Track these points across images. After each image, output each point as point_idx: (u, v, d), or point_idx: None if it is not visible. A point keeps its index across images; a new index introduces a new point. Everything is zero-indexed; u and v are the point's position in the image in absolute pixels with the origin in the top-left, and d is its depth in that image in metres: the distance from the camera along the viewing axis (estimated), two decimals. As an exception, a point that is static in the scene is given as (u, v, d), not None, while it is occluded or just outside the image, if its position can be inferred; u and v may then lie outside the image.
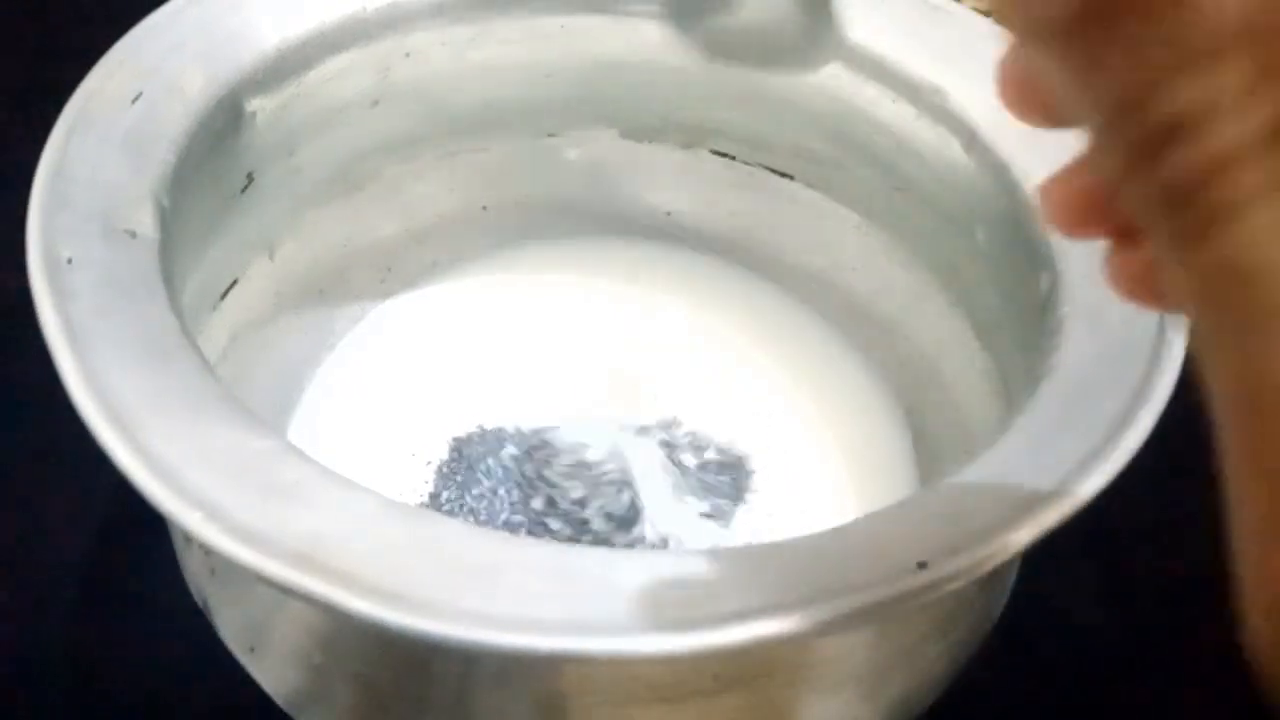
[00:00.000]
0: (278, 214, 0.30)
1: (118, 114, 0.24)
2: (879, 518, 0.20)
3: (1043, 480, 0.20)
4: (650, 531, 0.29)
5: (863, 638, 0.22)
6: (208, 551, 0.23)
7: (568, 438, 0.31)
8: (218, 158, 0.26)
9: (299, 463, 0.19)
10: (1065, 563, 0.31)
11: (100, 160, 0.23)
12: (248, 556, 0.18)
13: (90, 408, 0.19)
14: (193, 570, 0.25)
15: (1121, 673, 0.31)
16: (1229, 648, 0.35)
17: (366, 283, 0.33)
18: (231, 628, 0.24)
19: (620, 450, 0.31)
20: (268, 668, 0.24)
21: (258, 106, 0.27)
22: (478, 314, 0.34)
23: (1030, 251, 0.25)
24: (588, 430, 0.31)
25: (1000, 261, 0.27)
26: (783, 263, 0.34)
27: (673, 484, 0.30)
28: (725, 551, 0.20)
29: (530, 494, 0.30)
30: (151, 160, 0.24)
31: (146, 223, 0.23)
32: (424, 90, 0.30)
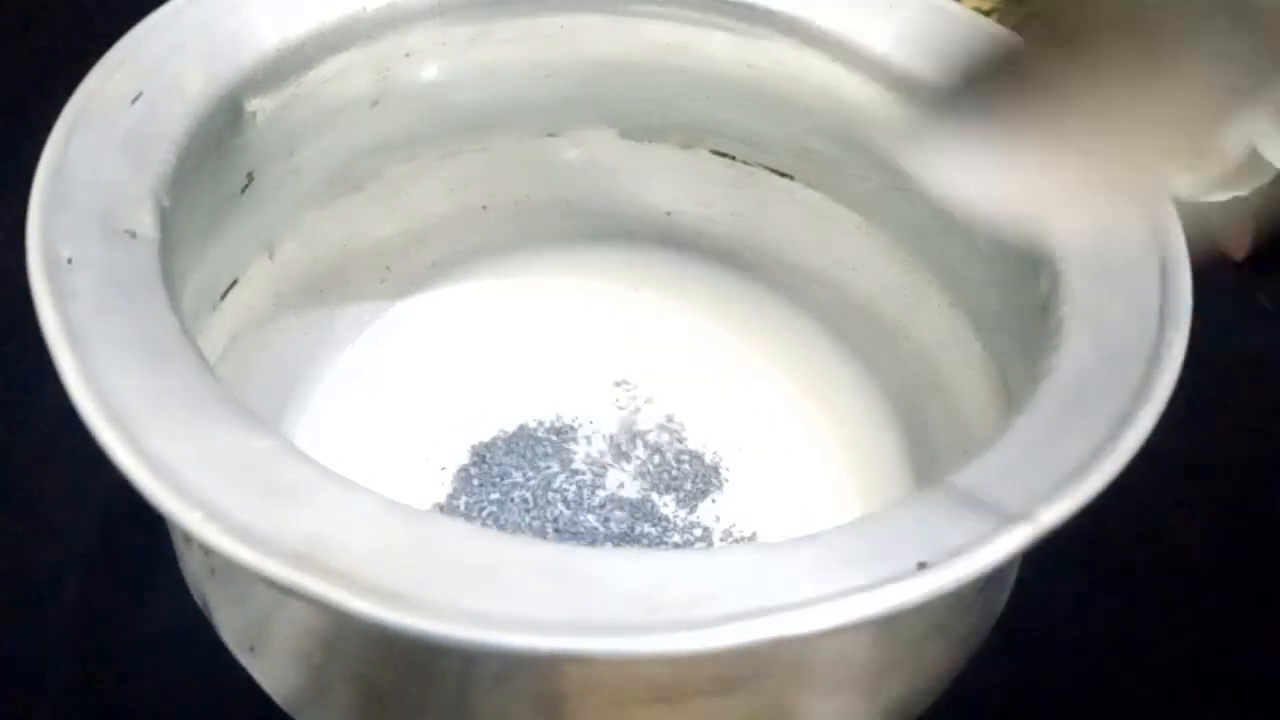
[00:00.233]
0: (278, 214, 0.30)
1: (118, 114, 0.24)
2: (878, 518, 0.20)
3: (1043, 480, 0.20)
4: (650, 531, 0.29)
5: (862, 638, 0.22)
6: (208, 551, 0.23)
7: (566, 437, 0.31)
8: (218, 158, 0.26)
9: (299, 463, 0.19)
10: (1065, 563, 0.30)
11: (100, 160, 0.23)
12: (248, 556, 0.18)
13: (90, 408, 0.19)
14: (193, 570, 0.25)
15: (1121, 673, 0.31)
16: (1230, 647, 0.35)
17: (366, 283, 0.33)
18: (231, 628, 0.24)
19: (619, 450, 0.31)
20: (268, 668, 0.24)
21: (258, 106, 0.27)
22: (477, 314, 0.34)
23: (1030, 251, 0.25)
24: (587, 430, 0.31)
25: (1000, 261, 0.27)
26: (782, 263, 0.34)
27: (671, 483, 0.30)
28: (725, 551, 0.20)
29: (530, 494, 0.30)
30: (151, 160, 0.24)
31: (146, 223, 0.23)
32: (424, 90, 0.30)
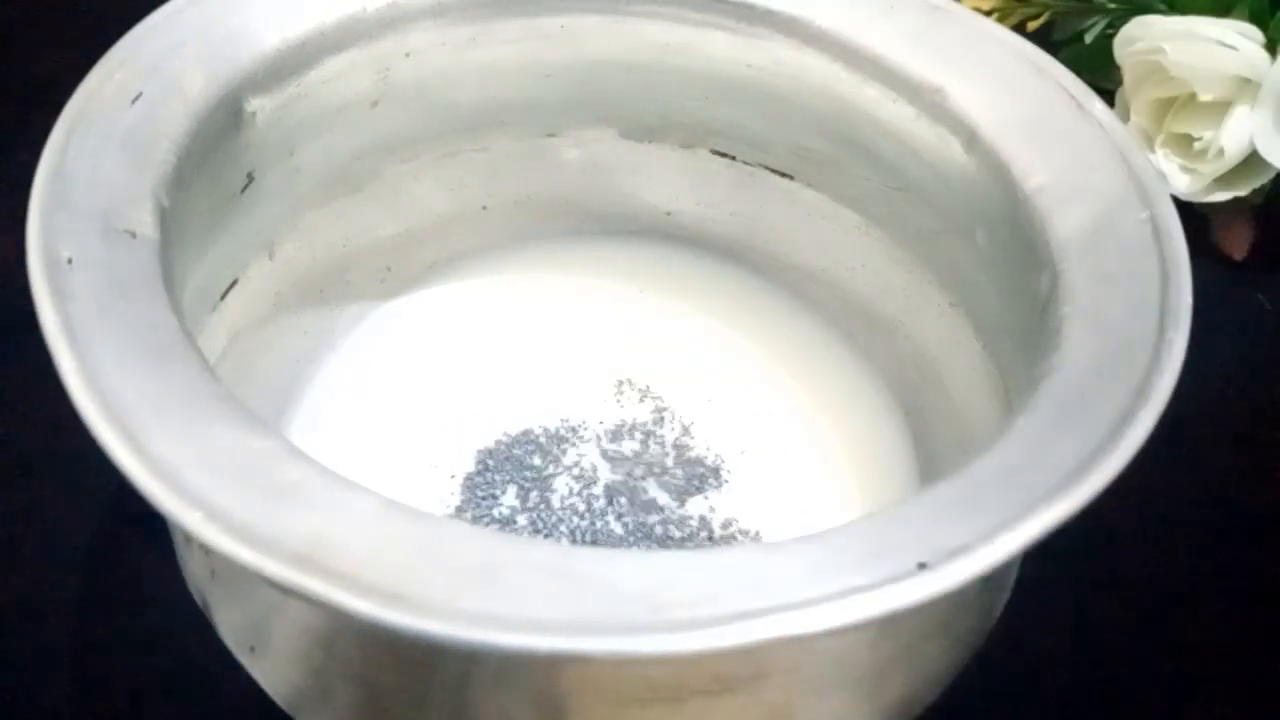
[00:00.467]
0: (278, 214, 0.30)
1: (118, 114, 0.24)
2: (879, 518, 0.20)
3: (1043, 480, 0.20)
4: (651, 530, 0.29)
5: (862, 638, 0.22)
6: (208, 551, 0.23)
7: (567, 437, 0.31)
8: (218, 158, 0.26)
9: (299, 463, 0.19)
10: (1065, 563, 0.30)
11: (100, 160, 0.23)
12: (248, 556, 0.18)
13: (90, 408, 0.19)
14: (193, 570, 0.25)
15: (1121, 673, 0.31)
16: (1229, 647, 0.35)
17: (366, 283, 0.33)
18: (231, 628, 0.24)
19: (619, 450, 0.31)
20: (268, 668, 0.24)
21: (258, 106, 0.27)
22: (477, 314, 0.34)
23: (1030, 251, 0.25)
24: (588, 430, 0.31)
25: (1000, 261, 0.27)
26: (783, 263, 0.34)
27: (671, 483, 0.30)
28: (725, 552, 0.20)
29: (530, 495, 0.30)
30: (151, 160, 0.24)
31: (146, 223, 0.23)
32: (424, 90, 0.30)
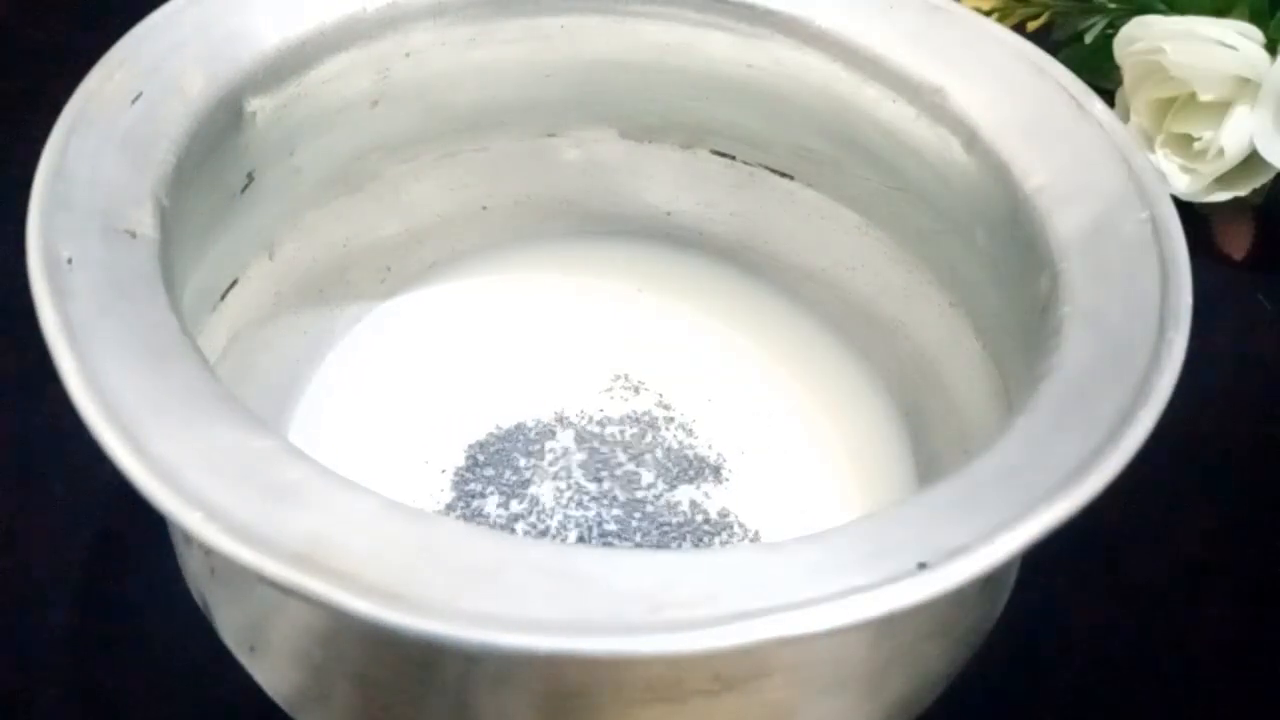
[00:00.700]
0: (278, 214, 0.30)
1: (118, 114, 0.24)
2: (879, 518, 0.20)
3: (1043, 480, 0.20)
4: (651, 530, 0.29)
5: (862, 638, 0.22)
6: (208, 551, 0.23)
7: (567, 437, 0.31)
8: (218, 158, 0.26)
9: (299, 463, 0.19)
10: (1065, 563, 0.31)
11: (100, 160, 0.23)
12: (248, 556, 0.18)
13: (90, 408, 0.19)
14: (193, 570, 0.25)
15: (1121, 673, 0.31)
16: (1230, 647, 0.35)
17: (366, 283, 0.33)
18: (231, 628, 0.24)
19: (620, 450, 0.31)
20: (268, 668, 0.24)
21: (258, 106, 0.27)
22: (477, 314, 0.34)
23: (1030, 251, 0.25)
24: (587, 430, 0.31)
25: (1000, 261, 0.27)
26: (782, 263, 0.34)
27: (671, 483, 0.30)
28: (725, 552, 0.20)
29: (529, 493, 0.30)
30: (151, 160, 0.24)
31: (146, 223, 0.23)
32: (424, 90, 0.30)
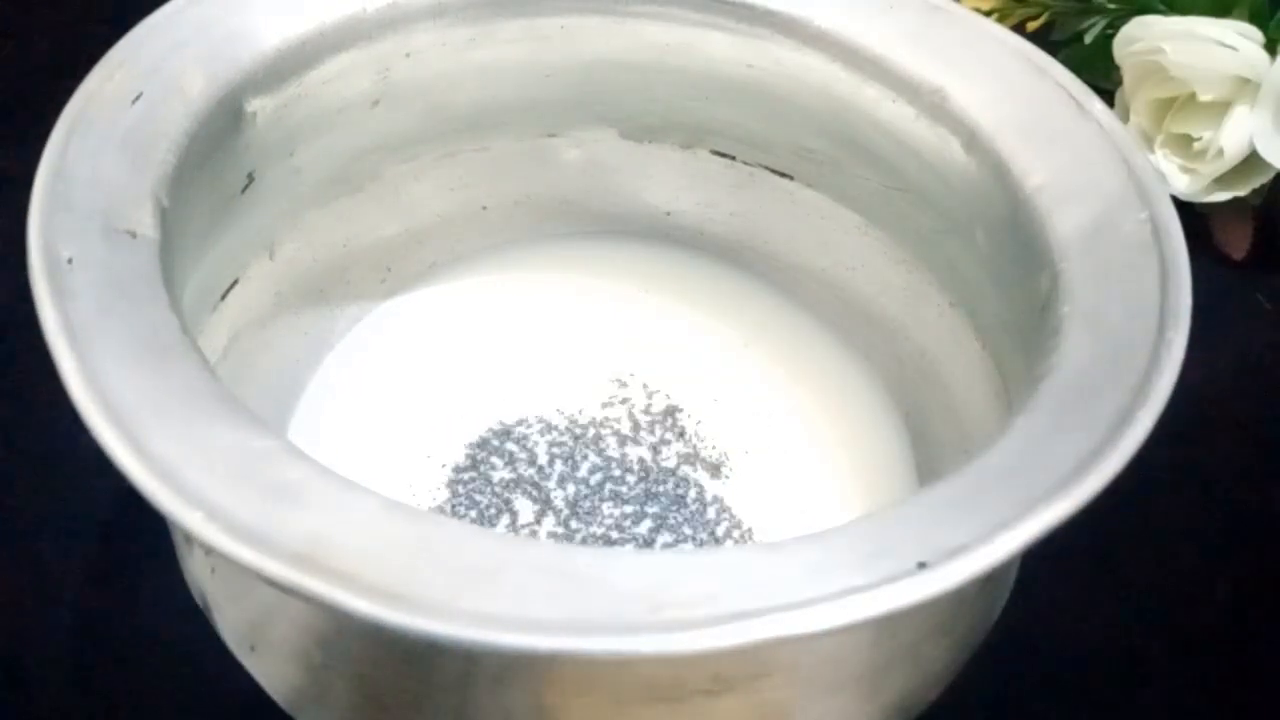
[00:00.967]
0: (278, 214, 0.30)
1: (118, 114, 0.24)
2: (878, 518, 0.20)
3: (1043, 480, 0.20)
4: (650, 531, 0.29)
5: (862, 637, 0.22)
6: (208, 551, 0.23)
7: (567, 437, 0.31)
8: (218, 158, 0.26)
9: (299, 463, 0.19)
10: (1065, 563, 0.31)
11: (100, 160, 0.23)
12: (248, 556, 0.18)
13: (90, 408, 0.19)
14: (193, 570, 0.25)
15: (1121, 673, 0.31)
16: (1230, 647, 0.35)
17: (367, 283, 0.33)
18: (231, 628, 0.24)
19: (619, 450, 0.31)
20: (268, 668, 0.24)
21: (258, 106, 0.27)
22: (477, 314, 0.34)
23: (1030, 251, 0.25)
24: (587, 430, 0.31)
25: (1000, 261, 0.27)
26: (782, 263, 0.34)
27: (671, 483, 0.30)
28: (725, 551, 0.20)
29: (527, 492, 0.30)
30: (151, 160, 0.24)
31: (146, 223, 0.23)
32: (424, 90, 0.30)
